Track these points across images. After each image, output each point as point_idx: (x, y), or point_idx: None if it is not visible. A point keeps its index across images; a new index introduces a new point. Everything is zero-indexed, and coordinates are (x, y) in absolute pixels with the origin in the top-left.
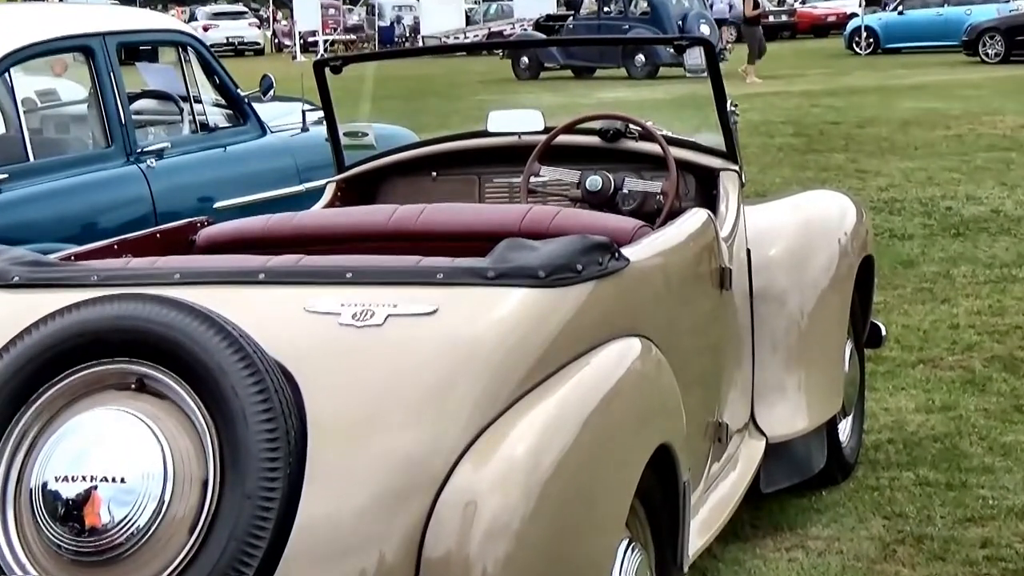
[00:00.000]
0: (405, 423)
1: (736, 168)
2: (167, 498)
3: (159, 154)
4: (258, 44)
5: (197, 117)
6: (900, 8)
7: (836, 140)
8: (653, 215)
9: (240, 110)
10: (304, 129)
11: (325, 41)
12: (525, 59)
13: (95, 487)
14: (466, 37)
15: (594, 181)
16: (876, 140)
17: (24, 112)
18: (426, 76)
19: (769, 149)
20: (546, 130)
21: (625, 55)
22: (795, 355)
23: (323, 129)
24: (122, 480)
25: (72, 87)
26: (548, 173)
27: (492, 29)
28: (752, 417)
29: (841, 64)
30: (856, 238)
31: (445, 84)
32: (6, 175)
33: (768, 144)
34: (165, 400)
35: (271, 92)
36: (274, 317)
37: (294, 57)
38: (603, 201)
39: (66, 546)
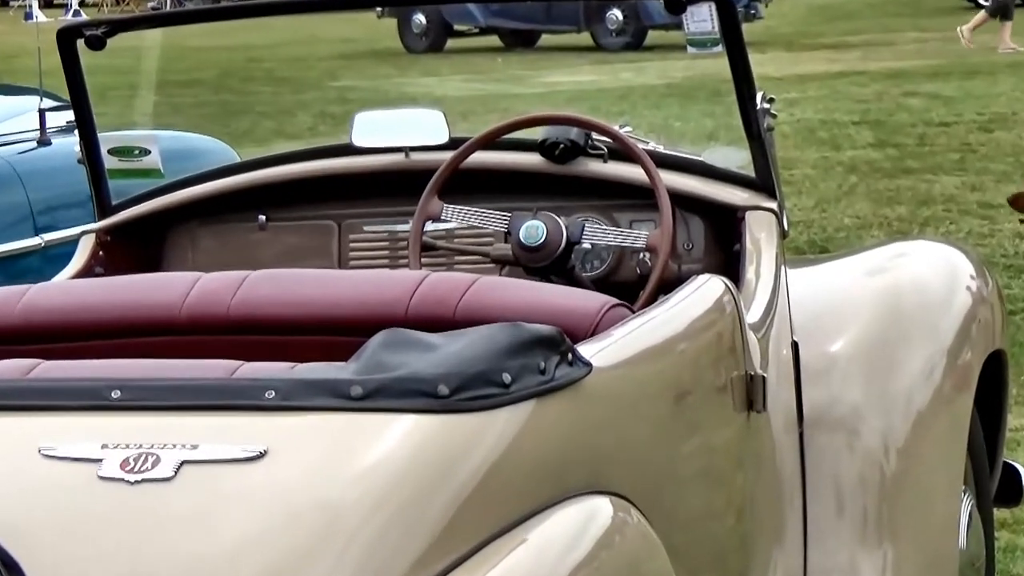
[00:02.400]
0: None
1: (772, 206)
2: None
3: None
4: None
5: None
6: None
7: (945, 153)
8: (633, 287)
9: None
10: (43, 142)
11: None
12: (420, 19)
13: None
14: None
15: (533, 230)
16: (1012, 153)
17: None
18: (252, 48)
19: (834, 169)
20: (453, 143)
21: (590, 14)
22: (876, 520)
23: (75, 142)
24: None
25: None
26: (456, 216)
27: None
28: None
29: (953, 24)
30: (977, 321)
31: (284, 62)
32: None
33: (832, 160)
34: None
35: None
36: None
37: (28, 16)
38: (549, 264)
39: None
